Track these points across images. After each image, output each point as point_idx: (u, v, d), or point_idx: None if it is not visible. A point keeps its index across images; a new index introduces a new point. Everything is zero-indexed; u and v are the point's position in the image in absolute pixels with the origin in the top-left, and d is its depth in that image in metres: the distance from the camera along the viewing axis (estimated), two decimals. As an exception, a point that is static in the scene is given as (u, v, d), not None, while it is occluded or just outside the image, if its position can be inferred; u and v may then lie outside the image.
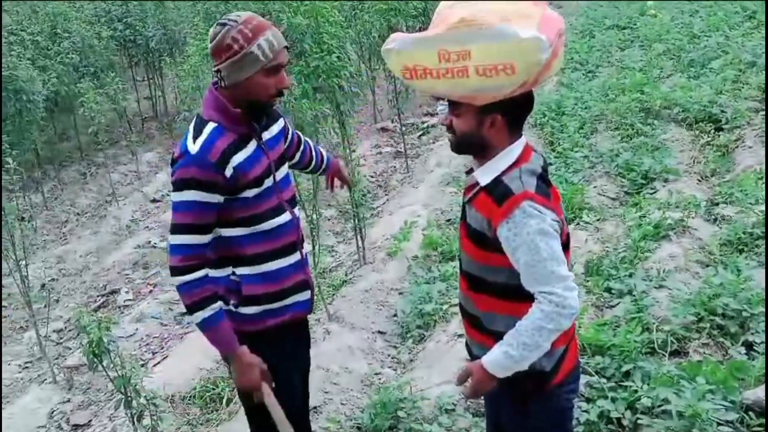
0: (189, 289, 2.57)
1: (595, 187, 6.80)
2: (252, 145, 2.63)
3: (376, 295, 5.85)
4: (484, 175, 2.34)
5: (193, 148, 2.52)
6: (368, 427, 4.13)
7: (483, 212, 2.30)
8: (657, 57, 10.58)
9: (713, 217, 5.86)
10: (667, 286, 4.87)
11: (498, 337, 2.32)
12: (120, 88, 11.91)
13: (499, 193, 2.26)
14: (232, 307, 2.72)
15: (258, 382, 2.67)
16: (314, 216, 5.70)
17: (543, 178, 2.34)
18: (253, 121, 2.65)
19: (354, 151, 6.68)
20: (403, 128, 9.91)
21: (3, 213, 5.46)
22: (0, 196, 5.67)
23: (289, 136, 3.01)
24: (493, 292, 2.38)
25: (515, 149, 2.34)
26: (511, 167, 2.31)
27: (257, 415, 2.86)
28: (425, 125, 11.12)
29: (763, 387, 3.59)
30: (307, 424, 3.15)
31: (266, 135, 2.73)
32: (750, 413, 3.51)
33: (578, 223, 6.13)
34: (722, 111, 7.78)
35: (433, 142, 10.23)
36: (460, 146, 2.42)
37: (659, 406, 3.61)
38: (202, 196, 2.52)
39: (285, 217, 2.73)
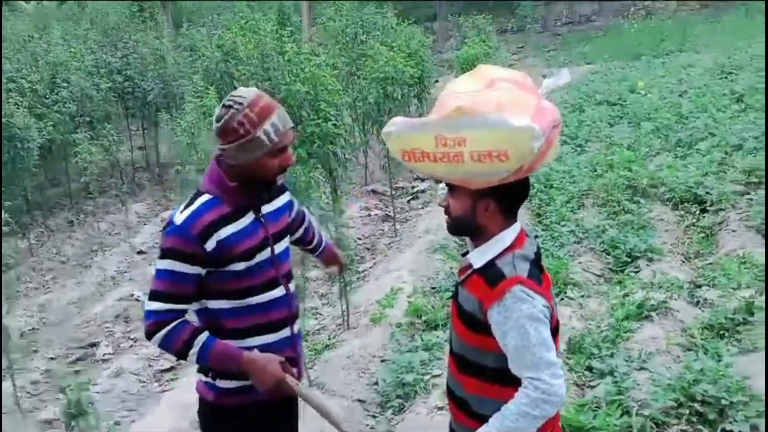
0: (168, 341, 2.58)
1: (580, 262, 6.86)
2: (248, 218, 2.64)
3: (357, 361, 5.83)
4: (478, 258, 2.39)
5: (179, 218, 2.56)
6: (343, 501, 4.08)
7: (475, 294, 2.35)
8: (645, 135, 10.77)
9: (696, 299, 5.92)
10: (648, 368, 4.89)
11: (483, 421, 2.33)
12: (115, 140, 11.99)
13: (491, 275, 2.31)
14: (210, 379, 2.72)
15: (281, 374, 2.61)
16: (302, 280, 5.71)
17: (536, 264, 2.40)
18: (255, 195, 2.67)
19: (343, 212, 6.74)
20: (394, 192, 9.99)
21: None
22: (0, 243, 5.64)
23: (294, 211, 3.04)
24: (482, 375, 2.39)
25: (509, 235, 2.40)
26: (504, 252, 2.36)
27: None
28: (415, 190, 11.21)
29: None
30: None
31: (268, 208, 2.74)
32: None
33: (562, 299, 6.16)
34: (707, 193, 7.91)
35: (422, 208, 10.31)
36: (455, 228, 2.48)
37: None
38: (180, 266, 2.54)
39: (278, 291, 2.73)
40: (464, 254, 2.55)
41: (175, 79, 13.39)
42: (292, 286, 2.82)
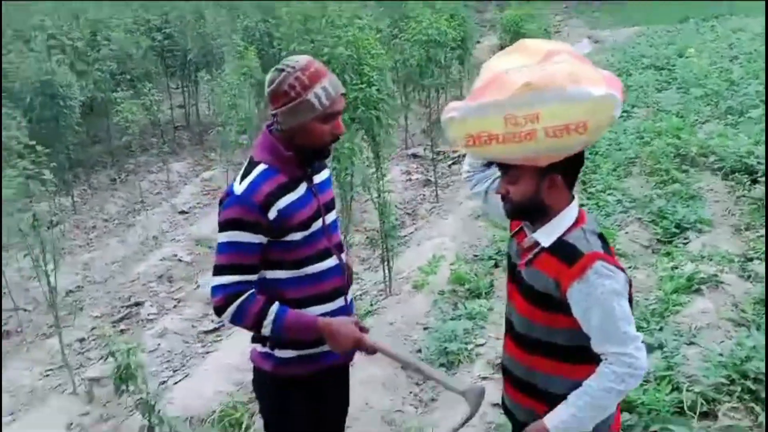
0: (240, 315, 2.56)
1: (627, 233, 6.74)
2: (302, 188, 2.62)
3: (400, 328, 5.81)
4: (546, 236, 2.32)
5: (239, 189, 2.53)
6: (387, 468, 4.09)
7: (549, 273, 2.28)
8: (694, 101, 10.50)
9: (747, 273, 5.77)
10: (698, 343, 4.79)
11: (550, 400, 2.31)
12: (155, 99, 12.02)
13: (567, 253, 2.25)
14: (268, 349, 2.70)
15: (358, 334, 2.61)
16: (344, 244, 5.69)
17: (603, 238, 2.34)
18: (306, 165, 2.65)
19: (385, 176, 6.69)
20: (435, 156, 9.88)
21: (34, 218, 5.50)
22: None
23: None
24: (552, 354, 2.35)
25: (573, 210, 2.34)
26: (571, 227, 2.31)
27: None
28: (457, 154, 11.10)
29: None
30: None
31: (317, 178, 2.72)
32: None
33: (609, 270, 6.06)
34: (759, 162, 7.70)
35: (463, 173, 10.20)
36: (517, 212, 2.39)
37: (687, 471, 3.55)
38: (244, 236, 2.52)
39: (331, 261, 2.70)
40: (514, 233, 2.49)
41: (214, 38, 13.32)
42: (344, 256, 2.80)
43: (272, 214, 2.51)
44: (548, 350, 2.35)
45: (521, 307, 2.41)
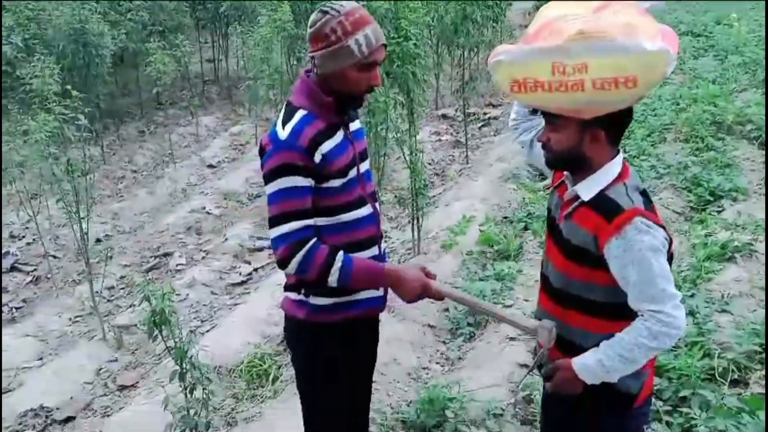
0: (306, 265, 2.51)
1: (660, 199, 6.65)
2: (340, 135, 2.60)
3: (428, 287, 5.79)
4: (587, 190, 2.30)
5: (283, 134, 2.50)
6: (414, 423, 4.11)
7: (588, 228, 2.26)
8: (732, 69, 10.30)
9: (782, 243, 5.69)
10: (730, 311, 4.75)
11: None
12: (187, 51, 11.97)
13: (607, 208, 2.24)
14: (303, 296, 2.69)
15: (425, 280, 2.58)
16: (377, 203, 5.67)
17: (646, 195, 2.32)
18: (342, 112, 2.62)
19: (417, 134, 6.63)
20: (465, 117, 9.79)
21: (68, 163, 5.52)
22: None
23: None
24: (589, 310, 2.33)
25: (616, 164, 2.31)
26: (613, 182, 2.28)
27: (316, 420, 2.84)
28: (487, 116, 10.99)
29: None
30: (366, 423, 3.11)
31: (353, 126, 2.71)
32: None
33: (640, 236, 5.99)
34: (797, 132, 7.56)
35: (494, 135, 10.12)
36: (557, 162, 2.37)
37: (717, 437, 3.53)
38: (298, 181, 2.49)
39: (366, 209, 2.68)
40: (556, 186, 2.47)
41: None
42: (378, 206, 2.79)
43: (318, 158, 2.49)
44: (584, 306, 2.34)
45: (558, 262, 2.40)
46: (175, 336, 3.53)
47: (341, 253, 2.53)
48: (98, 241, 7.73)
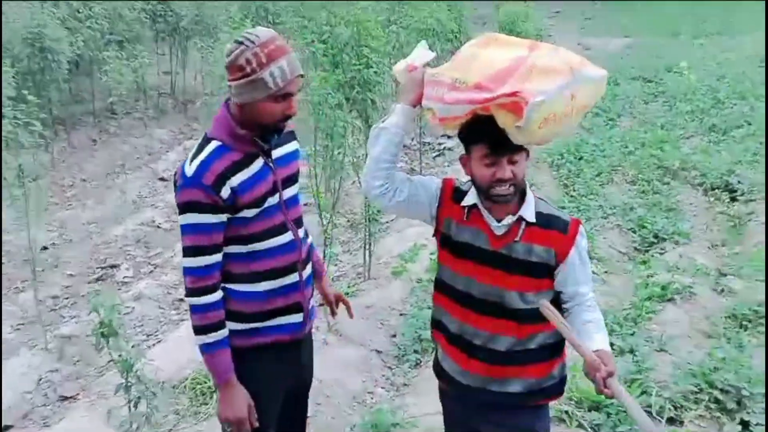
0: (199, 311, 2.56)
1: (605, 238, 6.83)
2: (258, 164, 2.59)
3: (377, 312, 5.85)
4: (529, 212, 2.48)
5: (189, 170, 2.50)
6: (357, 447, 4.14)
7: (547, 244, 2.45)
8: (680, 116, 10.64)
9: (720, 288, 5.89)
10: (668, 350, 4.89)
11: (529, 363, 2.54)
12: (145, 62, 11.89)
13: (556, 223, 2.48)
14: None
15: (244, 416, 2.63)
16: (329, 226, 5.71)
17: None
18: (263, 140, 2.60)
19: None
20: (421, 146, 9.90)
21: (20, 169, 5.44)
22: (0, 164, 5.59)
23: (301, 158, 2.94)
24: (539, 317, 2.45)
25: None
26: (536, 200, 2.51)
27: None
28: (442, 147, 11.14)
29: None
30: None
31: (278, 152, 2.68)
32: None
33: (586, 273, 6.13)
34: (739, 182, 7.84)
35: (448, 165, 10.25)
36: (517, 192, 2.46)
37: (651, 472, 3.62)
38: (204, 218, 2.50)
39: (287, 237, 2.68)
40: (466, 220, 2.55)
41: (210, 7, 13.19)
42: (301, 231, 2.78)
43: (225, 193, 2.49)
44: (536, 314, 2.46)
45: (510, 283, 2.49)
46: (122, 348, 3.50)
47: (226, 330, 2.59)
48: (44, 248, 7.59)
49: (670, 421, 4.21)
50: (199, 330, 2.58)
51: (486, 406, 2.64)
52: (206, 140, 2.55)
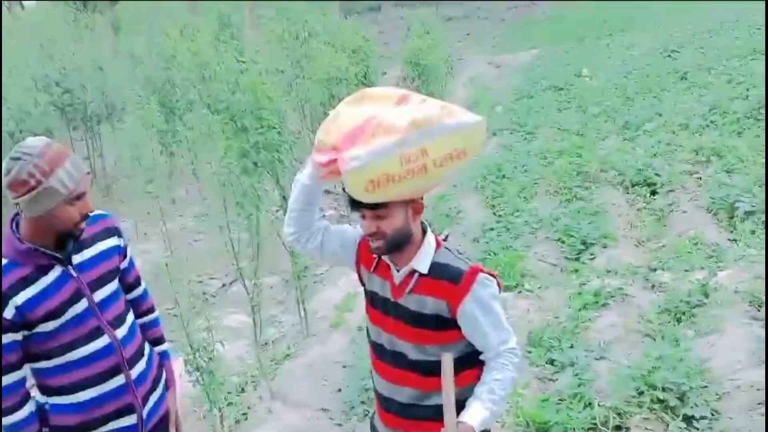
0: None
1: (536, 253, 6.86)
2: (53, 274, 2.51)
3: (319, 369, 5.76)
4: (422, 263, 2.46)
5: None
6: None
7: (438, 295, 2.42)
8: (593, 119, 10.85)
9: (651, 284, 5.96)
10: (608, 357, 4.91)
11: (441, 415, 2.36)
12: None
13: (450, 274, 2.43)
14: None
15: None
16: (255, 290, 5.65)
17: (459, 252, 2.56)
18: (59, 248, 2.53)
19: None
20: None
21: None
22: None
23: (127, 260, 2.84)
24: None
25: (430, 234, 2.51)
26: (437, 250, 2.49)
27: None
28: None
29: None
30: None
31: (83, 256, 2.60)
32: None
33: (520, 291, 6.16)
34: (657, 174, 7.99)
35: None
36: (393, 245, 2.46)
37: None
38: None
39: (102, 341, 2.59)
40: (373, 270, 2.57)
41: (115, 89, 13.09)
42: (121, 331, 2.67)
43: (9, 313, 2.42)
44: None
45: (409, 335, 2.49)
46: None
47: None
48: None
49: (617, 429, 4.21)
50: None
51: None
52: None
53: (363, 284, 2.66)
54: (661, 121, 9.76)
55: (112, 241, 2.72)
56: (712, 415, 4.18)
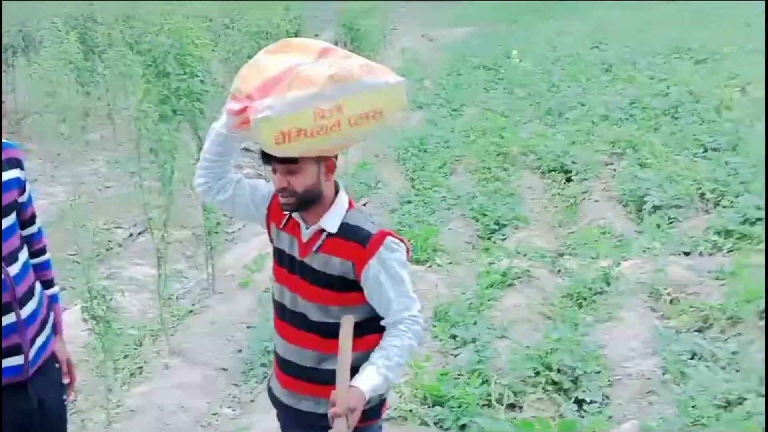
0: None
1: (450, 229, 6.92)
2: None
3: (222, 328, 5.66)
4: (331, 223, 2.40)
5: None
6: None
7: (344, 256, 2.37)
8: (518, 101, 10.98)
9: (557, 268, 6.09)
10: (509, 336, 5.00)
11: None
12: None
13: (357, 235, 2.37)
14: None
15: None
16: (162, 243, 5.49)
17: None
18: None
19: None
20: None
21: None
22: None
23: (26, 195, 2.69)
24: (356, 332, 2.36)
25: (343, 194, 2.45)
26: (348, 211, 2.43)
27: None
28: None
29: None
30: None
31: None
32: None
33: (431, 266, 6.21)
34: (573, 162, 8.15)
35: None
36: (302, 203, 2.40)
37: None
38: None
39: None
40: (285, 227, 2.50)
41: (33, 20, 12.49)
42: (14, 268, 2.55)
43: None
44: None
45: (312, 295, 2.44)
46: None
47: None
48: None
49: (511, 407, 4.30)
50: None
51: (303, 427, 2.56)
52: None
53: (272, 241, 2.59)
54: (583, 111, 9.96)
55: (13, 173, 2.56)
56: (603, 400, 4.31)
